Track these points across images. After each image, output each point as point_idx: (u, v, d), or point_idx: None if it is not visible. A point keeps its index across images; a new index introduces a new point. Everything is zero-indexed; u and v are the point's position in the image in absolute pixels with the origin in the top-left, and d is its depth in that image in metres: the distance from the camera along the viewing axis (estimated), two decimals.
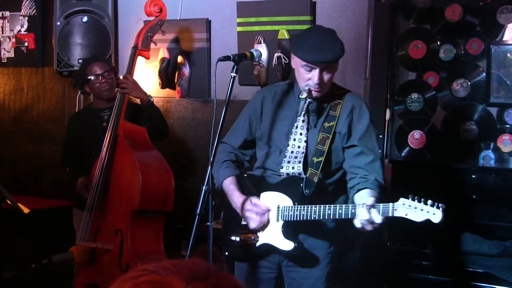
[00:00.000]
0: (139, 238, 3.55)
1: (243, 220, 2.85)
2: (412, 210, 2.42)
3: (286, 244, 2.74)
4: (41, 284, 4.28)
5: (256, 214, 2.74)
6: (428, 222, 2.41)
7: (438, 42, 3.76)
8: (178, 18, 4.53)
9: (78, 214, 3.83)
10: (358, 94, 2.94)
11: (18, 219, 4.17)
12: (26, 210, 3.78)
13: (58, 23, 4.43)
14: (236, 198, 2.81)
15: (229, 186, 2.85)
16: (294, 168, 2.77)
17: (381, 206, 2.46)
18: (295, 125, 2.78)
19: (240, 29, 4.29)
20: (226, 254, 2.95)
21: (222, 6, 4.44)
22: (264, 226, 2.77)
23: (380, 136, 3.78)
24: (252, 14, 4.24)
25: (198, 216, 2.55)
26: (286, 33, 4.08)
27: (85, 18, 4.46)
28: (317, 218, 2.62)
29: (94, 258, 3.62)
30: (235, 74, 2.70)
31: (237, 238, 2.86)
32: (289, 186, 2.76)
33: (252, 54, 2.83)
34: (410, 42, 3.80)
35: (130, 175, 3.53)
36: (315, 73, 2.66)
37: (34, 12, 5.10)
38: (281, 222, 2.75)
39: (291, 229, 2.75)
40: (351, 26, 4.00)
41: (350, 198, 2.74)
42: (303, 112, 2.73)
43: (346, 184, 2.78)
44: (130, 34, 4.42)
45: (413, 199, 2.43)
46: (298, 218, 2.68)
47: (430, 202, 2.41)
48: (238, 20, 4.29)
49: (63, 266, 3.63)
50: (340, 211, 2.55)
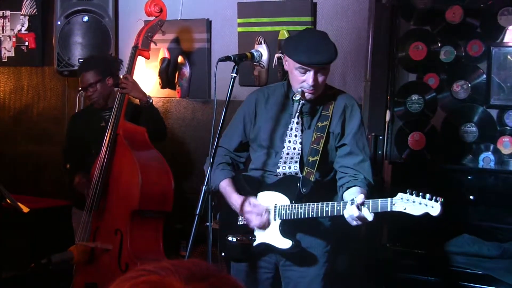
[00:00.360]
0: (139, 238, 3.55)
1: (241, 220, 2.86)
2: (410, 204, 2.42)
3: (284, 242, 2.75)
4: (40, 283, 4.28)
5: (256, 215, 2.75)
6: (427, 215, 2.41)
7: (439, 44, 3.76)
8: (179, 18, 4.53)
9: (78, 213, 3.83)
10: (349, 94, 2.95)
11: (17, 219, 4.16)
12: (25, 209, 3.77)
13: (59, 23, 4.43)
14: (234, 199, 2.82)
15: (225, 188, 2.86)
16: (290, 168, 2.79)
17: (379, 201, 2.47)
18: (290, 127, 2.80)
19: (240, 29, 4.29)
20: (223, 254, 2.95)
21: (223, 6, 4.44)
22: (264, 225, 2.78)
23: (380, 137, 3.79)
24: (252, 15, 4.24)
25: (197, 216, 2.55)
26: (286, 33, 4.08)
27: (85, 18, 4.45)
28: (314, 215, 2.63)
29: (93, 258, 3.62)
30: (236, 75, 2.70)
31: (233, 239, 2.86)
32: (286, 185, 2.77)
33: (252, 54, 2.83)
34: (411, 43, 3.79)
35: (129, 175, 3.53)
36: (310, 75, 2.68)
37: (34, 11, 5.10)
38: (278, 221, 2.76)
39: (288, 227, 2.76)
40: (352, 27, 4.00)
41: (339, 196, 2.76)
42: (297, 113, 2.75)
43: None
44: (130, 34, 4.42)
45: (411, 194, 2.43)
46: (296, 217, 2.69)
47: (428, 195, 2.41)
48: (239, 20, 4.29)
49: (62, 265, 3.63)
50: (338, 208, 2.56)
